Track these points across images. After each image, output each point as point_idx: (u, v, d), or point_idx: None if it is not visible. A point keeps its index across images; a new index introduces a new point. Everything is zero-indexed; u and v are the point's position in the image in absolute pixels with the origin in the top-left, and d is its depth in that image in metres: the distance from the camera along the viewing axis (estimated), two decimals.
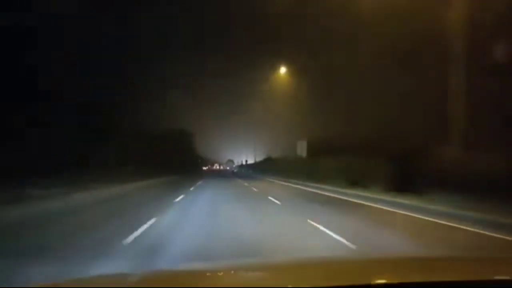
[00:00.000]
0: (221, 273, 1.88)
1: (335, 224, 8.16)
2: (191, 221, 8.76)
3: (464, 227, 8.33)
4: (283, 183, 30.61)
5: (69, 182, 14.78)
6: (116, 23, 24.91)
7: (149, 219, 8.30)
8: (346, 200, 15.17)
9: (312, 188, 22.42)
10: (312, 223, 8.38)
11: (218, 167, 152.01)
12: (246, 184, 26.97)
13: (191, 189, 19.87)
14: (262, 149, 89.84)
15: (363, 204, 13.45)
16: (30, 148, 15.54)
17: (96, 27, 22.14)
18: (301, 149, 33.92)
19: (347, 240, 6.39)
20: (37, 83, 16.74)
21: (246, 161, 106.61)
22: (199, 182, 26.41)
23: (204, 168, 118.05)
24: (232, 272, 1.93)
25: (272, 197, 15.26)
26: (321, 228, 7.72)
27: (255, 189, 21.06)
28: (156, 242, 6.05)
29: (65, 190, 13.15)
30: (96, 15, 22.03)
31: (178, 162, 56.62)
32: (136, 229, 7.05)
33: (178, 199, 13.70)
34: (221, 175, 65.32)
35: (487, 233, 7.67)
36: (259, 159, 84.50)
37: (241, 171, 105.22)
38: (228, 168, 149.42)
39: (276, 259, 3.57)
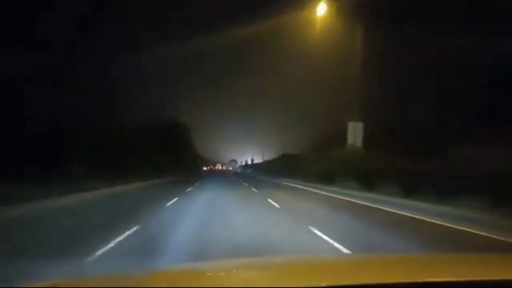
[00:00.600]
0: (222, 273, 1.85)
1: None
2: None
3: None
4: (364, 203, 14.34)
5: None
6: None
7: None
8: None
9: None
10: None
11: (220, 167, 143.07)
12: (276, 205, 12.22)
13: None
14: (272, 146, 77.56)
15: None
16: None
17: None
18: (354, 135, 20.51)
19: None
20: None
21: (252, 160, 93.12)
22: (175, 200, 12.70)
23: (205, 168, 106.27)
24: (234, 271, 1.90)
25: None
26: None
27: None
28: None
29: None
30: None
31: (171, 162, 44.19)
32: None
33: None
34: (223, 175, 52.66)
35: None
36: (268, 157, 71.20)
37: (245, 172, 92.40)
38: (230, 168, 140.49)
39: (276, 259, 3.11)
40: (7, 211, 8.96)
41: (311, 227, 7.22)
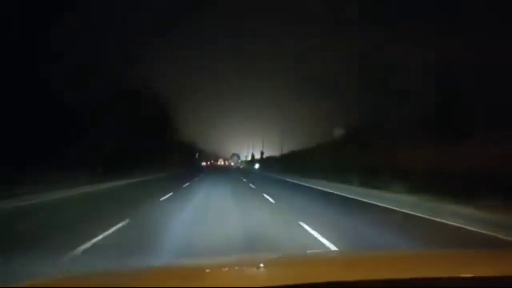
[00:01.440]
0: (226, 269, 1.83)
1: None
2: None
3: None
4: None
5: None
6: None
7: None
8: None
9: None
10: None
11: (222, 163, 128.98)
12: None
13: None
14: (291, 137, 61.37)
15: None
16: None
17: None
18: None
19: None
20: None
21: (262, 153, 74.28)
22: None
23: (204, 164, 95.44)
24: (236, 268, 1.89)
25: None
26: None
27: None
28: None
29: None
30: None
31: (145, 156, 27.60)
32: None
33: None
34: (224, 175, 35.36)
35: None
36: (292, 148, 53.22)
37: (251, 168, 74.44)
38: (232, 163, 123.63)
39: (275, 257, 2.71)
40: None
41: None
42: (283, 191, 17.58)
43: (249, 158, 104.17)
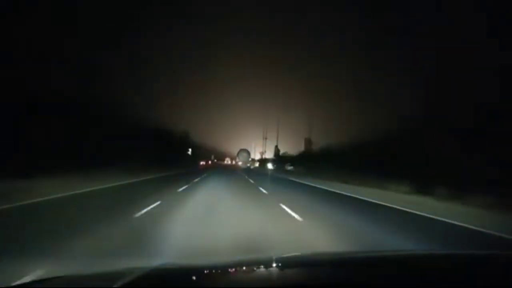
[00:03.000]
0: (231, 270, 1.82)
1: None
2: None
3: None
4: None
5: None
6: None
7: None
8: None
9: None
10: None
11: (229, 162, 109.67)
12: None
13: None
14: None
15: None
16: None
17: None
18: None
19: None
20: None
21: (310, 141, 52.67)
22: None
23: (202, 163, 78.76)
24: (244, 268, 1.88)
25: None
26: None
27: None
28: None
29: None
30: None
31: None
32: None
33: None
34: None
35: None
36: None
37: (279, 175, 53.04)
38: (240, 163, 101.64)
39: (278, 257, 2.53)
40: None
41: None
42: None
43: (266, 155, 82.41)
